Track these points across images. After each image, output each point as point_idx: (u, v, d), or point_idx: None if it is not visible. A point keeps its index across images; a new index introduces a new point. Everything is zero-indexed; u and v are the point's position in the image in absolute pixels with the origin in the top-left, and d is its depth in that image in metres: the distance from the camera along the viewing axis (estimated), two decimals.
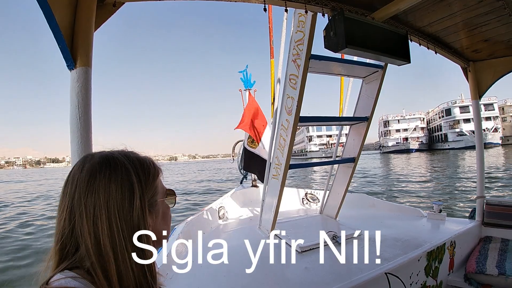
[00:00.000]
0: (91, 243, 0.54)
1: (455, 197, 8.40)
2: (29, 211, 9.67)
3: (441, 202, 2.59)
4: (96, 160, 0.60)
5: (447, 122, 50.55)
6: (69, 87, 1.06)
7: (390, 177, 14.82)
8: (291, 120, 1.82)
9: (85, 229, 0.54)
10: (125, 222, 0.57)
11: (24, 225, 7.42)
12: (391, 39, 1.67)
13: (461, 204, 7.41)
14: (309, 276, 1.59)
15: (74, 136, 1.02)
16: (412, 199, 8.71)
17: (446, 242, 1.96)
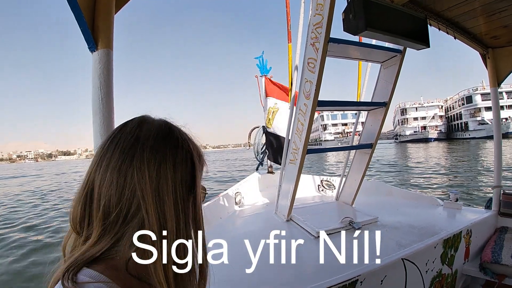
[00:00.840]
0: (153, 213, 0.47)
1: (478, 189, 8.26)
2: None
3: (458, 191, 2.60)
4: (162, 123, 0.55)
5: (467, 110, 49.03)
6: (91, 69, 1.08)
7: (413, 169, 14.16)
8: (309, 104, 1.84)
9: (147, 194, 0.47)
10: (185, 199, 0.52)
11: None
12: (410, 23, 1.67)
13: (481, 194, 7.31)
14: (326, 260, 1.65)
15: (96, 117, 1.04)
16: (435, 193, 8.65)
17: (463, 230, 1.97)
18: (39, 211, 8.84)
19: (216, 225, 2.36)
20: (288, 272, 1.55)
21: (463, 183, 9.59)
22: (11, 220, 7.62)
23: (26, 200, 11.34)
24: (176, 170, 0.50)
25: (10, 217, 7.96)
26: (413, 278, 1.60)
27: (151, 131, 0.51)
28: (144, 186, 0.47)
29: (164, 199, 0.48)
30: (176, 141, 0.53)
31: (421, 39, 1.73)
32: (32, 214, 8.29)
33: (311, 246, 1.79)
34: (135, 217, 0.47)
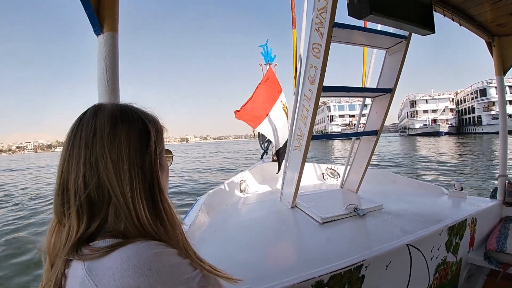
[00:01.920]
0: (119, 192, 0.56)
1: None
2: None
3: (463, 179, 2.63)
4: (114, 108, 0.62)
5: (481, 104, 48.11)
6: (96, 51, 1.11)
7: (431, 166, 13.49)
8: (314, 89, 1.88)
9: (112, 179, 0.56)
10: (142, 172, 0.60)
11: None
12: (415, 8, 1.70)
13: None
14: (331, 246, 1.67)
15: (102, 99, 1.08)
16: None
17: (468, 218, 2.00)
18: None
19: (222, 212, 2.43)
20: (293, 257, 1.60)
21: (478, 176, 9.53)
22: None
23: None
24: (131, 149, 0.58)
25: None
26: (418, 264, 1.63)
27: (105, 119, 0.59)
28: (109, 171, 0.56)
29: (123, 176, 0.57)
30: (128, 123, 0.60)
31: (426, 25, 1.75)
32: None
33: (316, 232, 1.85)
34: (109, 198, 0.57)
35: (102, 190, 0.56)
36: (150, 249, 0.51)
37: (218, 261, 1.50)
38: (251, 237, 1.86)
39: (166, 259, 0.51)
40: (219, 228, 2.03)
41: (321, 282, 1.23)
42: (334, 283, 1.27)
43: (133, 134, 0.60)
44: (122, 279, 0.46)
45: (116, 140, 0.57)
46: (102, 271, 0.48)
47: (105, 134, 0.57)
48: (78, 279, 0.50)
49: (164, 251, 0.52)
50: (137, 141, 0.60)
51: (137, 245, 0.52)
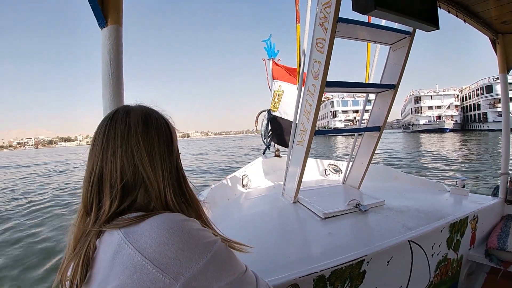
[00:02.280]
0: (153, 177, 0.68)
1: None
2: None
3: (465, 177, 2.65)
4: (143, 109, 0.75)
5: (487, 100, 47.99)
6: (100, 44, 1.13)
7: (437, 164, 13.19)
8: (318, 84, 1.89)
9: (147, 166, 0.68)
10: (170, 161, 0.73)
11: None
12: (419, 4, 1.71)
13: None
14: (333, 240, 1.69)
15: (106, 91, 1.11)
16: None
17: (469, 215, 2.02)
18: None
19: (223, 206, 2.46)
20: (295, 252, 1.60)
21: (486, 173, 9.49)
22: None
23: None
24: (160, 142, 0.72)
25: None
26: (419, 261, 1.65)
27: (138, 117, 0.71)
28: (144, 161, 0.68)
29: (156, 165, 0.69)
30: (156, 121, 0.73)
31: (431, 21, 1.75)
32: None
33: (318, 228, 1.87)
34: (142, 183, 0.68)
35: (137, 176, 0.67)
36: (179, 216, 0.63)
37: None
38: (252, 232, 1.89)
39: (193, 224, 0.62)
40: (221, 223, 2.04)
41: (322, 276, 1.25)
42: (335, 277, 1.29)
43: (160, 130, 0.73)
44: (159, 238, 0.56)
45: (148, 135, 0.70)
46: (139, 234, 0.57)
47: (139, 130, 0.69)
48: (113, 244, 0.58)
49: (190, 219, 0.64)
50: (163, 137, 0.73)
51: (168, 214, 0.63)
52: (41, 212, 7.60)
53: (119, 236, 0.58)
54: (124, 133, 0.68)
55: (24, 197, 10.03)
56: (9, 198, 10.05)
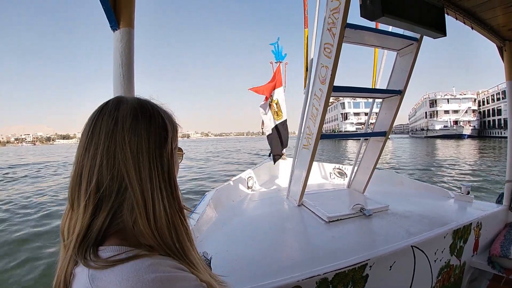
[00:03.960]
0: (137, 184, 0.59)
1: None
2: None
3: (470, 184, 2.70)
4: (135, 102, 0.65)
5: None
6: (113, 47, 1.17)
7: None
8: (325, 89, 1.97)
9: (131, 170, 0.59)
10: (161, 166, 0.63)
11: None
12: (427, 11, 1.79)
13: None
14: (336, 244, 1.77)
15: (117, 93, 1.12)
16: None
17: (473, 222, 2.07)
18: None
19: (229, 208, 2.56)
20: (299, 254, 1.68)
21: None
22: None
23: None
24: (150, 143, 0.62)
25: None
26: (422, 266, 1.71)
27: (127, 111, 0.62)
28: (127, 163, 0.59)
29: (142, 170, 0.60)
30: (149, 118, 0.64)
31: (438, 28, 1.84)
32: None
33: (322, 231, 1.95)
34: (126, 190, 0.59)
35: (118, 182, 0.59)
36: (151, 271, 0.52)
37: (225, 256, 1.64)
38: (257, 233, 1.98)
39: (166, 286, 0.51)
40: (226, 223, 2.16)
41: (325, 279, 1.32)
42: (338, 281, 1.36)
43: (153, 128, 0.63)
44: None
45: (136, 133, 0.61)
46: (104, 284, 0.51)
47: (126, 126, 0.60)
48: (81, 284, 0.53)
49: (166, 277, 0.53)
50: (156, 136, 0.63)
51: (140, 264, 0.53)
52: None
53: (86, 278, 0.53)
54: (109, 128, 0.60)
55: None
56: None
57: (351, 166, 3.00)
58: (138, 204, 0.59)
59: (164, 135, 0.65)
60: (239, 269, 1.51)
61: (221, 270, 1.40)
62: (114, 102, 0.64)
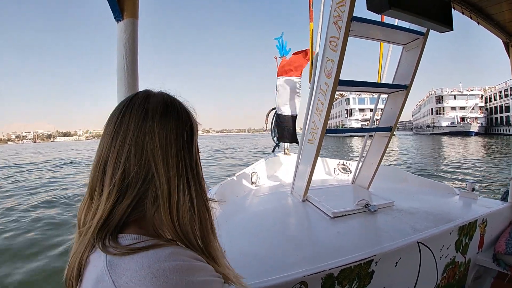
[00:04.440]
0: (164, 174, 0.62)
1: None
2: None
3: (475, 181, 2.71)
4: (165, 96, 0.69)
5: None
6: (116, 38, 1.17)
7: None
8: (330, 83, 1.97)
9: (159, 160, 0.61)
10: (189, 158, 0.67)
11: None
12: (434, 4, 1.78)
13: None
14: (341, 240, 1.78)
15: (121, 85, 1.14)
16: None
17: (478, 219, 2.10)
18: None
19: (233, 203, 2.57)
20: (304, 250, 1.68)
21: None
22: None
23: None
24: (178, 136, 0.65)
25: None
26: (427, 262, 1.74)
27: (157, 104, 0.66)
28: (155, 153, 0.61)
29: (170, 161, 0.63)
30: (177, 112, 0.68)
31: (445, 22, 1.83)
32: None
33: (326, 226, 1.96)
34: (152, 180, 0.62)
35: (145, 171, 0.61)
36: (172, 260, 0.54)
37: (229, 251, 1.64)
38: (261, 229, 2.00)
39: (185, 274, 0.53)
40: (230, 219, 2.17)
41: (331, 275, 1.34)
42: (344, 276, 1.38)
43: (180, 123, 0.67)
44: (139, 286, 0.50)
45: (166, 125, 0.64)
46: (122, 269, 0.52)
47: (156, 118, 0.63)
48: (97, 270, 0.55)
49: (186, 266, 0.55)
50: (183, 130, 0.67)
51: (160, 253, 0.55)
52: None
53: (103, 264, 0.54)
54: (139, 118, 0.62)
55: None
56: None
57: (356, 162, 3.01)
58: (163, 193, 0.62)
59: (190, 130, 0.69)
60: (243, 264, 1.52)
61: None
62: (144, 95, 0.68)
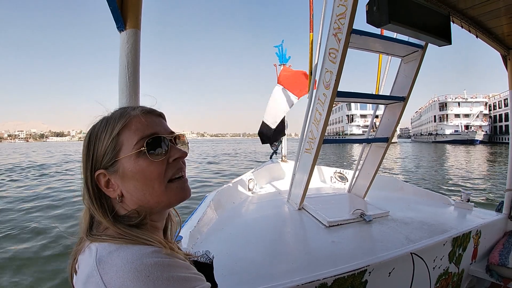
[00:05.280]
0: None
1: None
2: None
3: (470, 192, 2.77)
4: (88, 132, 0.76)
5: None
6: (119, 48, 1.20)
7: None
8: (329, 94, 2.03)
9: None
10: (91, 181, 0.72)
11: None
12: (433, 19, 1.86)
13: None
14: (336, 249, 1.83)
15: (123, 95, 1.17)
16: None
17: (472, 230, 2.15)
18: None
19: (229, 210, 2.64)
20: (298, 258, 1.74)
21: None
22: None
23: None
24: (92, 159, 0.71)
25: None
26: (420, 273, 1.78)
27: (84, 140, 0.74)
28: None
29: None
30: (88, 141, 0.73)
31: (443, 36, 1.91)
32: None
33: (321, 235, 2.01)
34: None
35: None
36: (155, 256, 0.60)
37: (225, 257, 1.72)
38: (257, 236, 2.06)
39: (167, 270, 0.58)
40: (226, 225, 2.23)
41: (324, 284, 1.38)
42: (337, 286, 1.42)
43: (95, 147, 0.74)
44: (123, 279, 0.55)
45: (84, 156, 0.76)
46: (109, 265, 0.58)
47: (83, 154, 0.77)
48: (88, 267, 0.60)
49: (167, 262, 0.60)
50: (98, 149, 0.73)
51: (144, 250, 0.61)
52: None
53: (93, 261, 0.60)
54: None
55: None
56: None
57: (352, 171, 3.08)
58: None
59: (114, 145, 0.72)
60: (239, 271, 1.56)
61: (221, 272, 1.47)
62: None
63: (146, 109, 0.77)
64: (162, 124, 0.78)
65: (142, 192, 0.70)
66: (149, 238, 0.66)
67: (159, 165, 0.71)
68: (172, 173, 0.74)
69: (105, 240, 0.64)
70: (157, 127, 0.74)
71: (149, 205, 0.72)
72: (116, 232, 0.66)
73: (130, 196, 0.71)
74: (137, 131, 0.71)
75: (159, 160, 0.71)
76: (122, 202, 0.72)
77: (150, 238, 0.66)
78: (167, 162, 0.73)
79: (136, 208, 0.71)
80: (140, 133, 0.71)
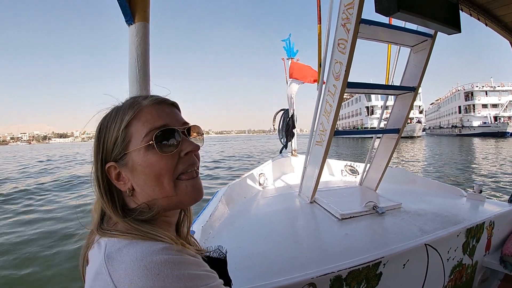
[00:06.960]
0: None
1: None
2: None
3: (481, 182, 2.80)
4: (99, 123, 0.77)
5: None
6: (128, 41, 1.26)
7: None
8: (339, 85, 2.12)
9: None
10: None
11: None
12: (442, 7, 1.91)
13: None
14: (349, 242, 1.90)
15: (133, 88, 1.23)
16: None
17: (486, 221, 2.19)
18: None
19: (240, 204, 2.76)
20: (312, 252, 1.80)
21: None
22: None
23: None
24: (103, 154, 0.72)
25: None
26: (435, 265, 1.82)
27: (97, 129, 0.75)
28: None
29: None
30: (98, 132, 0.74)
31: (453, 24, 1.96)
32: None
33: (334, 228, 2.10)
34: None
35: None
36: (164, 254, 0.60)
37: (237, 252, 1.82)
38: (269, 230, 2.15)
39: (177, 267, 0.58)
40: (238, 220, 2.33)
41: (339, 277, 1.41)
42: (352, 278, 1.46)
43: (105, 139, 0.75)
44: (131, 277, 0.55)
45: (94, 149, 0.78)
46: (118, 262, 0.58)
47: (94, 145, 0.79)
48: (97, 263, 0.61)
49: (178, 260, 0.60)
50: (107, 142, 0.74)
51: (154, 247, 0.61)
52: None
53: (102, 258, 0.60)
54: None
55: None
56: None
57: (363, 164, 3.15)
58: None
59: (123, 137, 0.73)
60: (252, 265, 1.62)
61: (234, 267, 1.56)
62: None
63: (158, 98, 0.77)
64: (174, 114, 0.77)
65: (152, 188, 0.71)
66: (160, 234, 0.66)
67: (170, 160, 0.71)
68: (183, 168, 0.73)
69: (114, 235, 0.65)
70: (168, 118, 0.74)
71: (159, 203, 0.72)
72: (126, 227, 0.67)
73: (141, 191, 0.72)
74: (146, 122, 0.71)
75: (169, 154, 0.71)
76: (133, 196, 0.73)
77: (160, 234, 0.66)
78: (178, 156, 0.73)
79: (147, 202, 0.72)
80: (150, 125, 0.71)
